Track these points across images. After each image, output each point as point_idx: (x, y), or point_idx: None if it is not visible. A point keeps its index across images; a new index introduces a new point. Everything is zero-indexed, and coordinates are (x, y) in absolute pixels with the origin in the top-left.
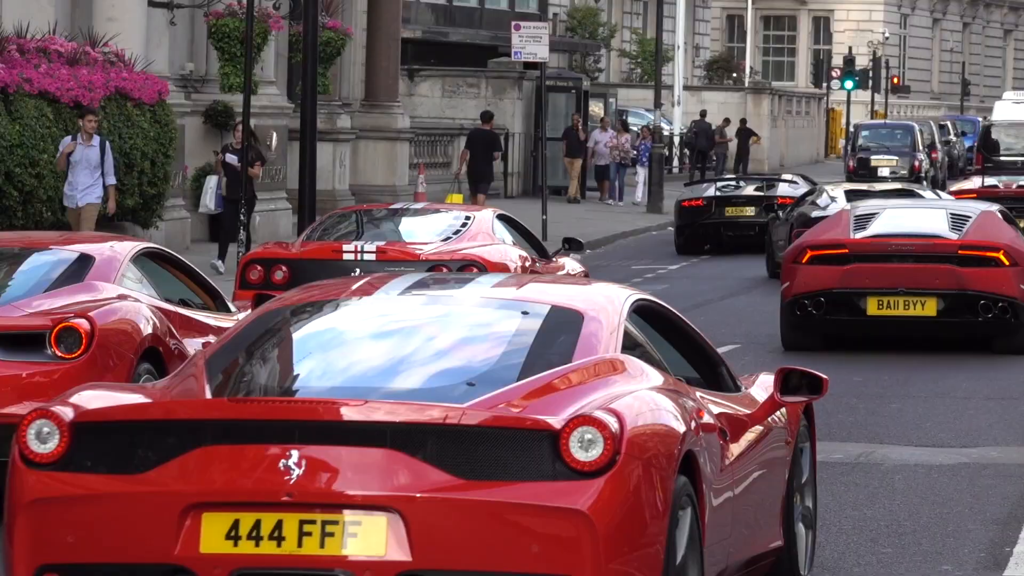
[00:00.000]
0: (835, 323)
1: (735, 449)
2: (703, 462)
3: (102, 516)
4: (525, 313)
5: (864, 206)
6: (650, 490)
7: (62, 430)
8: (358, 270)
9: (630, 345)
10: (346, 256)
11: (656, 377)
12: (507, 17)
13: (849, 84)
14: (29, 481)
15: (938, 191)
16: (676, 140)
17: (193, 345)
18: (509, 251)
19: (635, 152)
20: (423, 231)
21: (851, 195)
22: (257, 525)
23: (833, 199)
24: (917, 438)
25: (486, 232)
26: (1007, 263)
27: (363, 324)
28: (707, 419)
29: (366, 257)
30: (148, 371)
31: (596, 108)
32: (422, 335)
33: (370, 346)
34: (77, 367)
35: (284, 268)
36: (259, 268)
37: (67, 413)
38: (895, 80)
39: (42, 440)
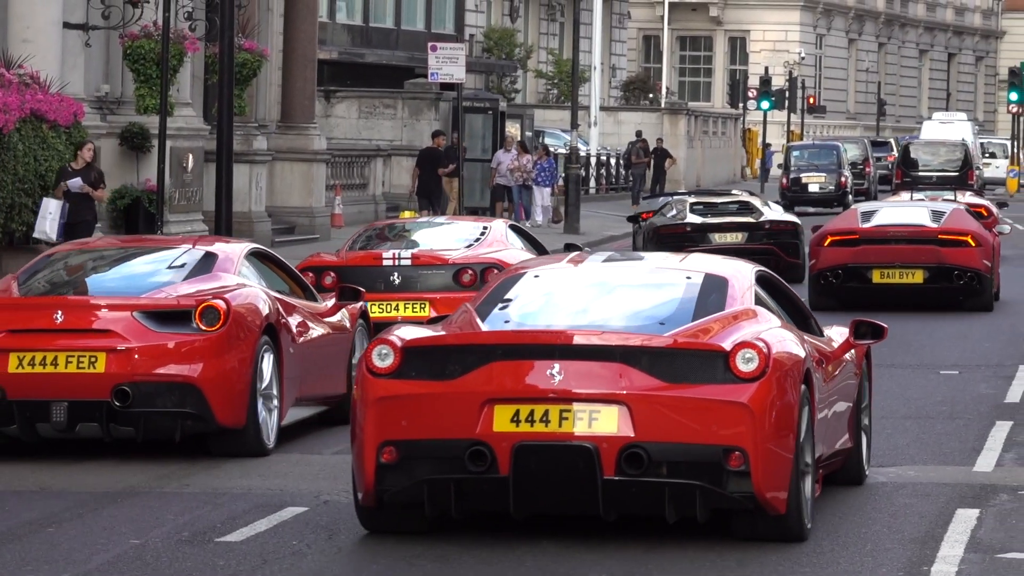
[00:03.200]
0: (849, 289)
1: (827, 372)
2: (815, 378)
3: (425, 408)
4: (688, 278)
5: (867, 205)
6: (786, 393)
7: (395, 351)
8: (397, 274)
9: (758, 300)
10: (385, 262)
11: (777, 321)
12: (423, 38)
13: (765, 104)
14: (374, 385)
15: (770, 202)
16: (593, 161)
17: (291, 324)
18: (522, 255)
19: (534, 172)
20: (449, 240)
21: (694, 207)
22: (531, 413)
23: (678, 211)
24: None
25: (501, 240)
26: (974, 244)
27: (582, 283)
28: (812, 351)
29: (403, 262)
30: (267, 343)
31: (513, 129)
32: (624, 290)
33: (591, 296)
34: (216, 338)
35: (332, 274)
36: (311, 275)
37: (398, 340)
38: (811, 100)
39: (382, 358)
